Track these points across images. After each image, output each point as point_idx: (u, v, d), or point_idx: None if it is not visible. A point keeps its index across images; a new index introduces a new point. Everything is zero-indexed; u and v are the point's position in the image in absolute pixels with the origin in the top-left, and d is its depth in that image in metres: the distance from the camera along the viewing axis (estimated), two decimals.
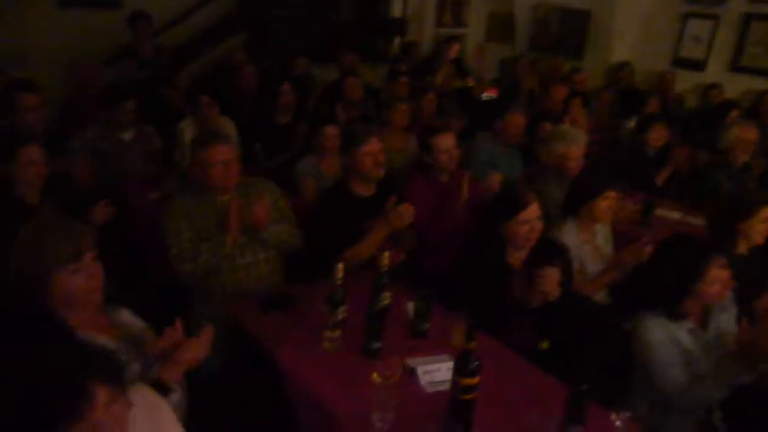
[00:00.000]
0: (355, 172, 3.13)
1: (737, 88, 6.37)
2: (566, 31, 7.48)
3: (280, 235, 2.91)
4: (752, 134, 4.30)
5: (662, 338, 2.33)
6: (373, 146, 3.09)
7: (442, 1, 7.90)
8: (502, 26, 8.04)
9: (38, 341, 1.46)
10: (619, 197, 3.29)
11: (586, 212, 3.13)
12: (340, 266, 2.24)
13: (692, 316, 2.42)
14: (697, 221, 3.78)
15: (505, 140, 4.45)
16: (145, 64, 5.36)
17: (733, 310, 2.52)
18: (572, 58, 7.25)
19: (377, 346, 2.25)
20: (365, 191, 3.16)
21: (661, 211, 3.92)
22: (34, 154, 2.91)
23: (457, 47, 6.70)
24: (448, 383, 1.99)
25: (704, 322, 2.47)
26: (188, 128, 4.20)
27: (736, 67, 6.53)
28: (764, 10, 6.26)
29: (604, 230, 3.31)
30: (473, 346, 1.83)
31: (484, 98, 6.48)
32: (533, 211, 2.68)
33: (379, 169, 3.11)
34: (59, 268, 1.82)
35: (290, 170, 3.95)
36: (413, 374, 2.16)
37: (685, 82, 6.74)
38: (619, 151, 5.18)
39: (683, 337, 2.35)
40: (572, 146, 3.75)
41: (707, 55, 6.70)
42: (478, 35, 8.05)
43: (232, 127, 4.37)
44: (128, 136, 4.10)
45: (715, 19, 6.61)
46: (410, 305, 2.50)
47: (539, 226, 2.70)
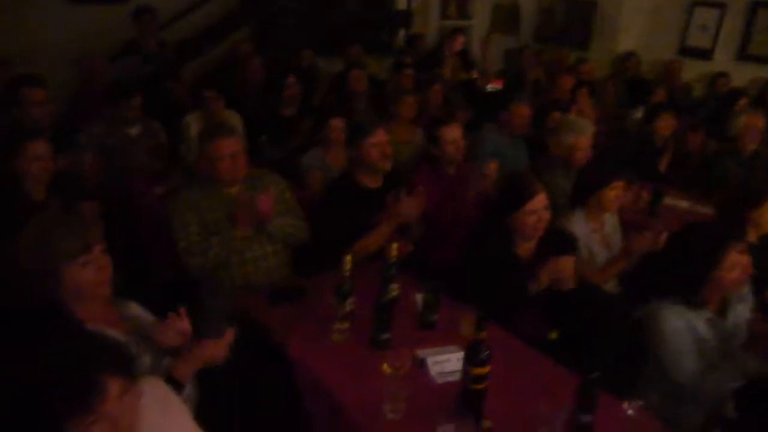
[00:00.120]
0: (362, 164, 3.12)
1: (744, 76, 6.33)
2: (572, 21, 7.44)
3: (285, 227, 2.91)
4: (760, 122, 4.32)
5: (677, 327, 2.28)
6: (380, 137, 3.08)
7: None
8: (507, 17, 7.99)
9: (49, 335, 1.46)
10: (632, 188, 3.26)
11: (594, 202, 3.11)
12: (348, 258, 2.25)
13: (711, 305, 2.37)
14: (705, 210, 3.76)
15: (510, 131, 4.43)
16: (149, 59, 5.35)
17: (750, 300, 2.49)
18: (578, 48, 7.21)
19: (385, 337, 2.25)
20: (372, 183, 3.15)
21: (669, 200, 3.90)
22: (40, 149, 2.89)
23: (461, 40, 6.68)
24: (457, 374, 1.99)
25: (723, 311, 2.42)
26: (194, 122, 4.19)
27: (743, 55, 6.49)
28: None
29: (612, 220, 3.29)
30: (484, 335, 1.83)
31: (489, 90, 6.46)
32: (540, 201, 2.66)
33: (386, 160, 3.10)
34: (69, 261, 1.82)
35: (293, 163, 3.94)
36: (423, 365, 2.16)
37: (691, 71, 6.70)
38: (626, 141, 5.16)
39: (700, 326, 2.31)
40: (581, 137, 3.74)
41: (714, 43, 6.66)
42: (483, 27, 8.00)
43: (237, 119, 4.36)
44: (135, 131, 4.10)
45: (721, 7, 6.57)
46: (418, 297, 2.50)
47: (547, 216, 2.68)
